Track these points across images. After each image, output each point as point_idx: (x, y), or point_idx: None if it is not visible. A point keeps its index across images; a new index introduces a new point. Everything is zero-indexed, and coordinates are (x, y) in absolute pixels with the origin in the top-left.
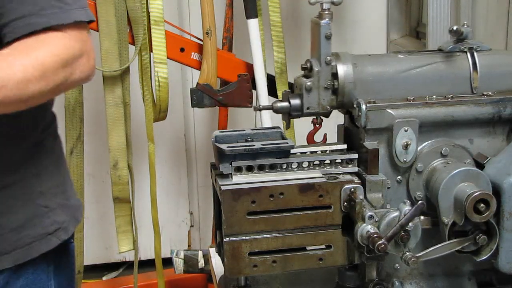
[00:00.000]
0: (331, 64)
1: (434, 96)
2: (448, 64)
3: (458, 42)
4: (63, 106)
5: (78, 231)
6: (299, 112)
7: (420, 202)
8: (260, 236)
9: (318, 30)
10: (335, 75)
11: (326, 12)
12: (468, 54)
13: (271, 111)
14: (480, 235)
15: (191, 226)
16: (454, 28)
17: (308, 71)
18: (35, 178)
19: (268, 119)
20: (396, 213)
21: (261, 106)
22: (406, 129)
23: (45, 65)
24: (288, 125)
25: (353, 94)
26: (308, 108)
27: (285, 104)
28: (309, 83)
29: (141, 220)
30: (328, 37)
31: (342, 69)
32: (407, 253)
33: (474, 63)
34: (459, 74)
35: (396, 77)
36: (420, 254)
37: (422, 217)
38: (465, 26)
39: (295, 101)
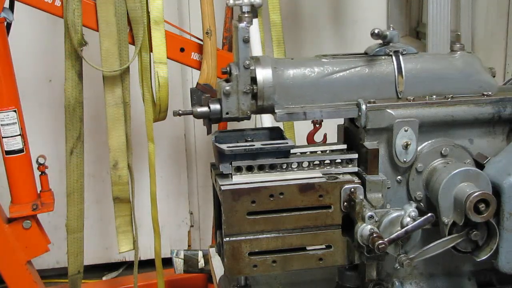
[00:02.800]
0: (249, 68)
1: (434, 96)
2: (372, 68)
3: (384, 45)
4: (63, 106)
5: (78, 231)
6: (218, 116)
7: (430, 214)
8: (260, 236)
9: (236, 34)
10: (254, 79)
11: (246, 15)
12: (394, 58)
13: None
14: (473, 230)
15: (191, 226)
16: (376, 31)
17: (228, 75)
18: None
19: (268, 119)
20: (397, 213)
21: (180, 111)
22: (406, 129)
23: None
24: (209, 131)
25: (273, 98)
26: (227, 113)
27: (205, 109)
28: (227, 88)
29: (141, 220)
30: (246, 41)
31: (261, 73)
32: (402, 255)
33: (399, 67)
34: (384, 78)
35: (319, 81)
36: (414, 255)
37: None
38: (391, 29)
39: (215, 106)
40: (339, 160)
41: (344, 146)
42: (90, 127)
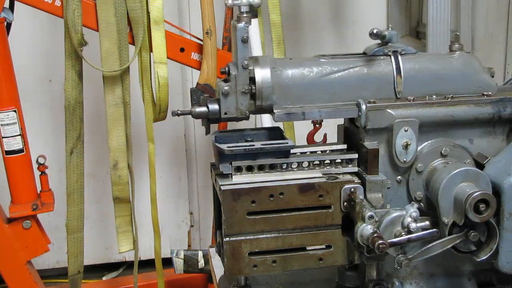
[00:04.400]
0: (248, 68)
1: (434, 96)
2: (371, 68)
3: (383, 45)
4: (63, 106)
5: (78, 231)
6: (217, 116)
7: (435, 230)
8: (260, 236)
9: (235, 34)
10: (252, 80)
11: (244, 15)
12: (392, 58)
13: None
14: (471, 231)
15: (191, 226)
16: (375, 31)
17: (227, 75)
18: None
19: (268, 119)
20: (398, 213)
21: (179, 111)
22: (406, 129)
23: None
24: (208, 131)
25: (272, 99)
26: (226, 113)
27: (203, 109)
28: (226, 88)
29: (141, 220)
30: (244, 41)
31: (259, 73)
32: (400, 255)
33: (398, 67)
34: (383, 78)
35: (317, 81)
36: (412, 255)
37: (427, 222)
38: (390, 29)
39: (213, 106)
40: (339, 160)
41: (344, 146)
42: (90, 127)
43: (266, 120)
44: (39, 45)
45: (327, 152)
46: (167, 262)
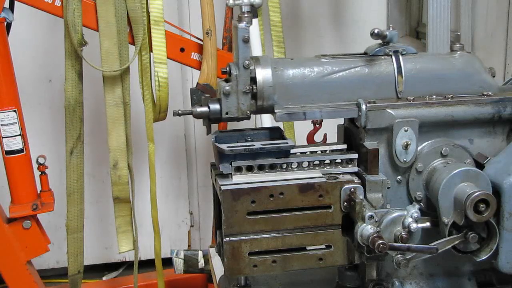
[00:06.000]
0: (249, 68)
1: (434, 96)
2: (371, 68)
3: (384, 45)
4: (63, 106)
5: (78, 231)
6: (218, 116)
7: (435, 247)
8: (260, 236)
9: (236, 34)
10: (254, 79)
11: (246, 15)
12: (393, 58)
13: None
14: (470, 233)
15: (191, 226)
16: (376, 31)
17: (228, 75)
18: None
19: (268, 119)
20: (399, 213)
21: (180, 111)
22: (406, 129)
23: None
24: (209, 131)
25: (273, 98)
26: (227, 113)
27: (204, 109)
28: (227, 88)
29: (141, 220)
30: (245, 41)
31: (260, 73)
32: (399, 255)
33: (399, 67)
34: (384, 78)
35: (318, 81)
36: (411, 255)
37: (428, 223)
38: (391, 29)
39: (214, 106)
40: (339, 160)
41: (344, 146)
42: (90, 127)
43: (266, 120)
44: (39, 45)
45: (327, 152)
46: (167, 262)
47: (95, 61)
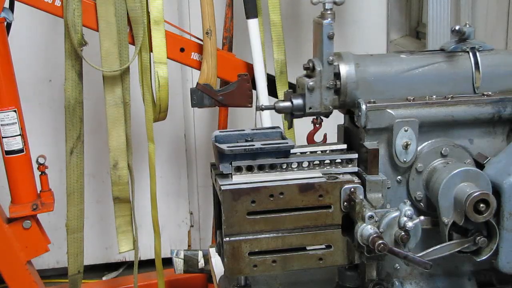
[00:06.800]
0: (333, 64)
1: (434, 96)
2: (450, 64)
3: (460, 42)
4: (63, 106)
5: (78, 231)
6: (301, 112)
7: (429, 263)
8: (260, 236)
9: (320, 30)
10: (337, 75)
11: (329, 12)
12: (470, 54)
13: (271, 110)
14: (480, 237)
15: (191, 226)
16: (457, 28)
17: (310, 71)
18: None
19: (268, 119)
20: (393, 214)
21: (263, 106)
22: (406, 129)
23: None
24: (290, 125)
25: (355, 94)
26: (310, 108)
27: (287, 104)
28: (311, 83)
29: (141, 220)
30: (330, 37)
31: (344, 69)
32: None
33: (476, 63)
34: (461, 74)
35: (398, 77)
36: (419, 255)
37: (422, 217)
38: (467, 25)
39: (298, 101)
40: (339, 160)
41: (344, 146)
42: (90, 127)
43: (266, 120)
44: (39, 45)
45: (327, 152)
46: (167, 262)
47: (95, 61)
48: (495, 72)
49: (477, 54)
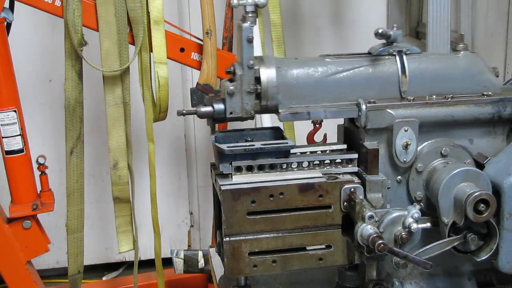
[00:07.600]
0: (253, 68)
1: (434, 96)
2: (376, 68)
3: (388, 45)
4: (63, 106)
5: (78, 231)
6: (222, 116)
7: (429, 263)
8: (260, 236)
9: (240, 34)
10: (258, 79)
11: (250, 15)
12: (397, 58)
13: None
14: (470, 234)
15: (191, 226)
16: (380, 31)
17: (232, 75)
18: None
19: (268, 119)
20: (399, 213)
21: (184, 111)
22: (406, 129)
23: None
24: (213, 131)
25: (277, 98)
26: (231, 113)
27: (209, 109)
28: (231, 87)
29: (141, 220)
30: (250, 41)
31: (265, 73)
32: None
33: (403, 67)
34: (387, 78)
35: (322, 81)
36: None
37: (429, 224)
38: (394, 28)
39: (219, 106)
40: (339, 160)
41: (344, 146)
42: (90, 127)
43: (266, 120)
44: (39, 45)
45: (327, 152)
46: (167, 262)
47: (95, 61)
48: (422, 76)
49: (404, 57)
